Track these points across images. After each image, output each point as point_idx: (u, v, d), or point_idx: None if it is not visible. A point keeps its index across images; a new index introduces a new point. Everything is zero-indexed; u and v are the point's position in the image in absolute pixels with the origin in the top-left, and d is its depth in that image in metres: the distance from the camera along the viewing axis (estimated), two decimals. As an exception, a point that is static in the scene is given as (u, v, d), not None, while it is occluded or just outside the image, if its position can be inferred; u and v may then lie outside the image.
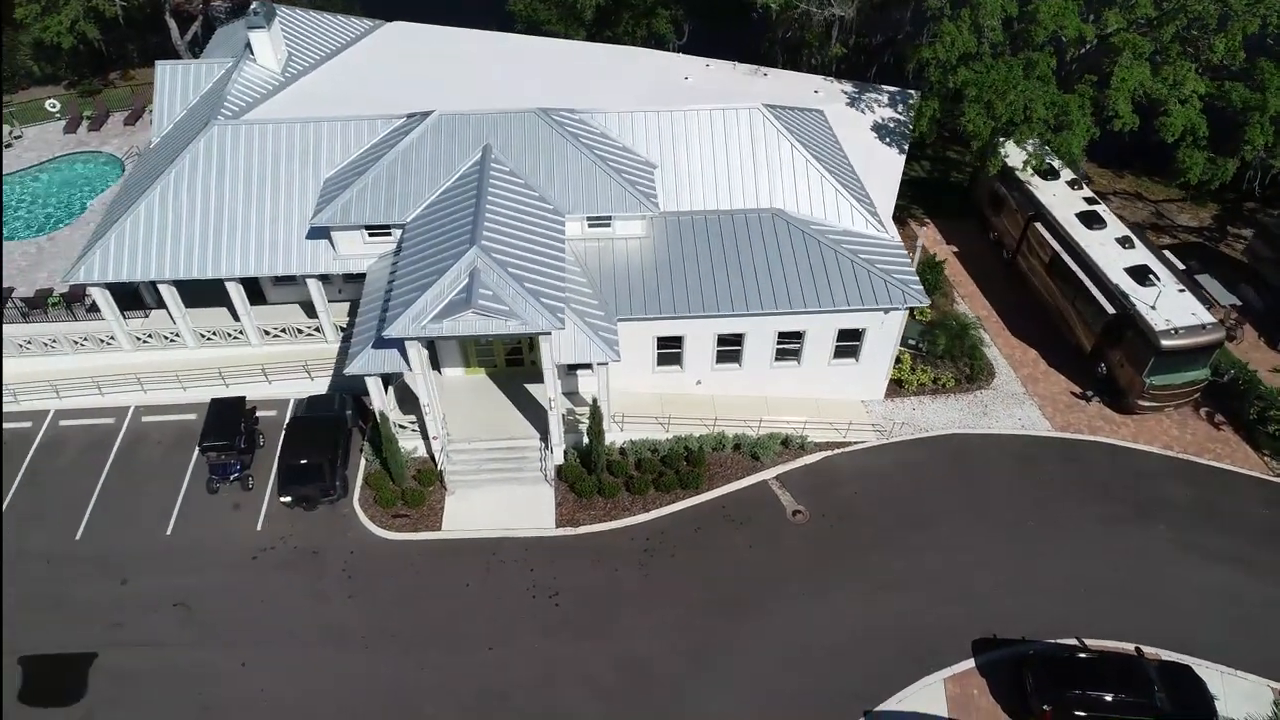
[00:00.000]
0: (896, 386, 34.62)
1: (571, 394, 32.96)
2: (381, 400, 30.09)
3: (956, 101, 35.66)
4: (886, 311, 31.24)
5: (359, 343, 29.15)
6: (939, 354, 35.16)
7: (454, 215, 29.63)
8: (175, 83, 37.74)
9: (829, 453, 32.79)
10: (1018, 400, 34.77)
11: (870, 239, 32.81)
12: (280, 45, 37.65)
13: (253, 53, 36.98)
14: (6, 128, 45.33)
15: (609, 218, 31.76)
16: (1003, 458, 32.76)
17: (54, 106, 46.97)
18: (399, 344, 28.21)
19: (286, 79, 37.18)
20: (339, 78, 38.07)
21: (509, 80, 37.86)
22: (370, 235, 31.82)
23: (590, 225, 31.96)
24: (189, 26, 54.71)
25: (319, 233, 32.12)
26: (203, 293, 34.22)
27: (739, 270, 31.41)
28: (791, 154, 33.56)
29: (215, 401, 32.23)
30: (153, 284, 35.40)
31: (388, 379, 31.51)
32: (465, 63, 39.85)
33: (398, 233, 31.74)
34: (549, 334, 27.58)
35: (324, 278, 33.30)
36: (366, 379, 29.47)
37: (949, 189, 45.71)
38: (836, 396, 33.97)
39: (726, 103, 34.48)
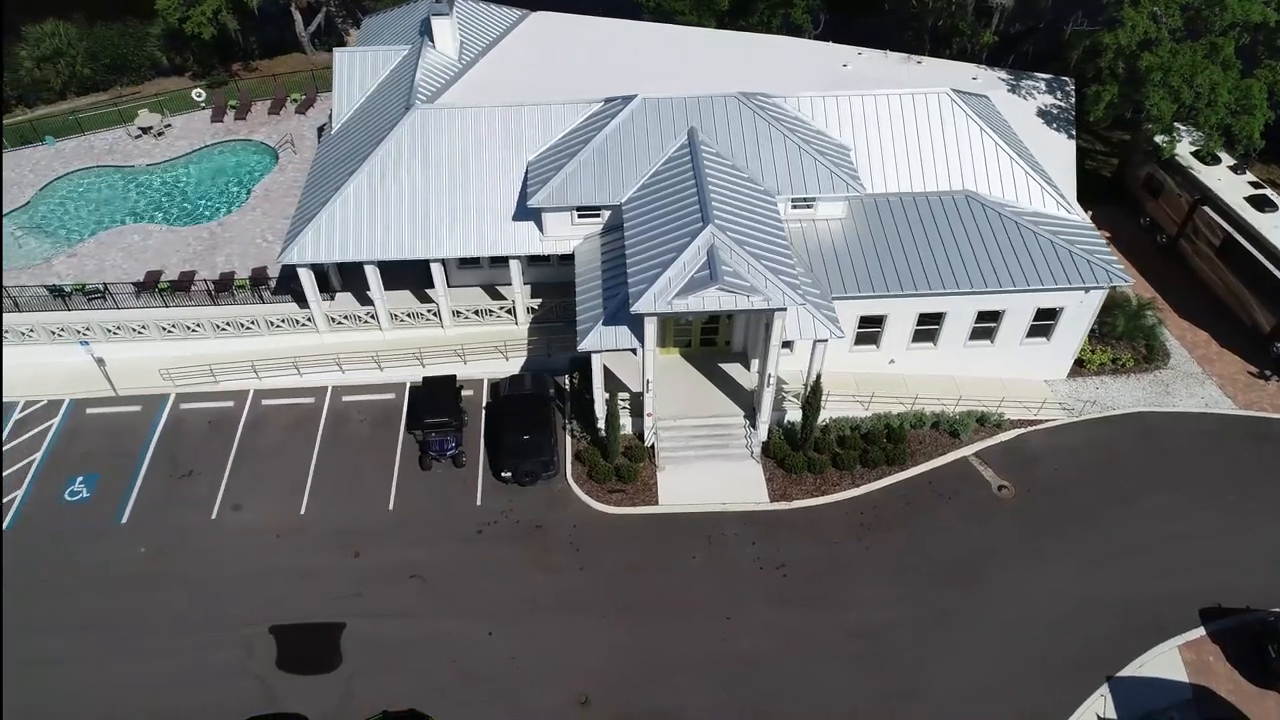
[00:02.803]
0: (1078, 366, 35.17)
1: (767, 373, 33.52)
2: (601, 378, 30.70)
3: (1134, 87, 36.18)
4: (1087, 290, 31.80)
5: (586, 320, 29.71)
6: (1117, 335, 35.70)
7: (675, 195, 30.20)
8: (353, 70, 38.36)
9: (1022, 430, 33.37)
10: (1197, 380, 35.34)
11: (1062, 220, 33.38)
12: (456, 33, 38.27)
13: (433, 40, 37.64)
14: (158, 116, 45.92)
15: (812, 199, 32.35)
16: (1192, 435, 33.34)
17: (199, 96, 47.56)
18: (629, 321, 28.80)
19: (463, 65, 37.82)
20: (510, 64, 38.72)
21: (680, 67, 38.45)
22: (580, 217, 32.41)
23: (793, 207, 32.54)
24: (312, 19, 55.45)
25: (526, 214, 32.74)
26: (388, 275, 34.79)
27: (942, 250, 31.95)
28: (981, 137, 34.13)
29: (427, 380, 32.80)
30: (339, 267, 36.21)
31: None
32: (626, 50, 40.51)
33: (605, 215, 32.38)
34: (784, 310, 28.17)
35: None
36: (591, 356, 30.10)
37: (1084, 176, 46.06)
38: (1021, 375, 34.54)
39: (914, 87, 35.08)
